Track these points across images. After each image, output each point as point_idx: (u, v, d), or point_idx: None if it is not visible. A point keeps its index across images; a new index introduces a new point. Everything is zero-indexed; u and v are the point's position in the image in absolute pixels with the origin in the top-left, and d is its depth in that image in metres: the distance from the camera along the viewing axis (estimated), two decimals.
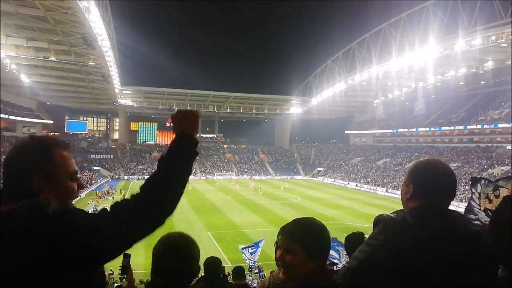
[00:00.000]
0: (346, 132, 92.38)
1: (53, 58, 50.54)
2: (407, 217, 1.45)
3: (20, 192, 1.15)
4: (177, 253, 1.77)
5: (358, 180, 64.61)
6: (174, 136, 1.43)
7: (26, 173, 1.19)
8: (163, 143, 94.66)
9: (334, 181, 69.90)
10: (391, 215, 1.52)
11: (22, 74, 54.68)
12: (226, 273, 9.27)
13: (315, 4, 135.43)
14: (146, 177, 1.31)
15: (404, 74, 62.42)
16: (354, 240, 3.28)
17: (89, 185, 51.55)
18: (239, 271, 5.06)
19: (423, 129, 71.03)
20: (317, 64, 78.24)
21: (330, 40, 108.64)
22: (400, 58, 52.90)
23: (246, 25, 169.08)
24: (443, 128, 66.90)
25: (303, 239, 1.45)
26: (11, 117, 58.16)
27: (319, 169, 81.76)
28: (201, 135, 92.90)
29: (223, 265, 4.18)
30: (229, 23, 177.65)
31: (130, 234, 1.22)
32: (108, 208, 1.22)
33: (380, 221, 1.48)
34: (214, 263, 3.90)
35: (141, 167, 73.73)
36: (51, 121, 75.05)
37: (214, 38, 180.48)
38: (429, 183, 1.49)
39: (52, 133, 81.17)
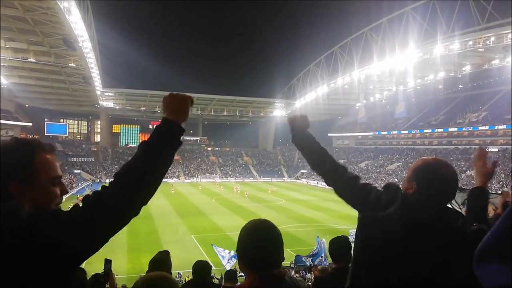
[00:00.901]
0: (329, 134, 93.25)
1: (32, 59, 49.40)
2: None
3: None
4: None
5: None
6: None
7: (5, 176, 1.16)
8: None
9: (317, 183, 70.30)
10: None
11: (0, 76, 53.24)
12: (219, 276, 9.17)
13: (298, 8, 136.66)
14: None
15: (385, 78, 63.53)
16: (338, 245, 3.30)
17: (70, 188, 50.50)
18: (231, 275, 5.06)
19: (404, 131, 72.32)
20: (300, 67, 79.05)
21: (313, 44, 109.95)
22: (381, 62, 53.83)
23: (230, 28, 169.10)
24: (424, 131, 68.23)
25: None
26: None
27: (302, 171, 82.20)
28: (185, 137, 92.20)
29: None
30: (213, 25, 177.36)
31: (105, 226, 1.21)
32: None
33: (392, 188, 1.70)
34: (202, 267, 3.88)
35: None
36: (30, 124, 73.15)
37: (197, 40, 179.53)
38: (434, 186, 1.56)
39: (31, 136, 79.21)
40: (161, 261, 3.34)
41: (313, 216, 35.26)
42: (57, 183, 1.28)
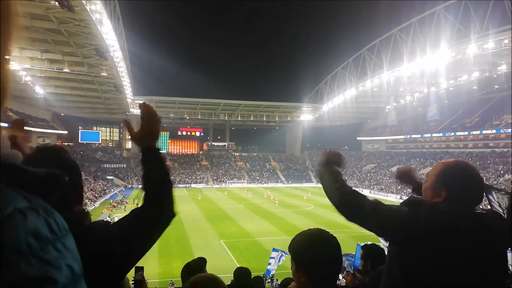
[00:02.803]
0: (358, 138, 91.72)
1: (66, 70, 51.54)
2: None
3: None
4: None
5: (371, 187, 63.91)
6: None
7: (77, 183, 1.27)
8: (175, 152, 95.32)
9: None
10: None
11: (37, 86, 55.83)
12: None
13: (325, 12, 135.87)
14: None
15: (416, 79, 61.93)
16: (372, 253, 3.19)
17: (103, 194, 52.03)
18: (258, 281, 5.01)
19: (437, 134, 70.14)
20: (327, 71, 78.37)
21: (340, 47, 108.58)
22: (411, 63, 52.53)
23: (257, 33, 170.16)
24: (457, 133, 65.94)
25: (292, 250, 1.44)
26: (26, 128, 59.00)
27: None
28: (213, 143, 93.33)
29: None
30: (240, 32, 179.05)
31: (145, 239, 1.29)
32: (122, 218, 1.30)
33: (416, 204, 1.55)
34: (243, 273, 3.90)
35: None
36: (66, 132, 76.22)
37: (224, 46, 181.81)
38: (465, 190, 1.48)
39: (66, 143, 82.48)
40: (196, 266, 3.36)
41: (343, 222, 34.44)
42: None
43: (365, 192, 61.65)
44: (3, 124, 0.79)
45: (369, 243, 3.64)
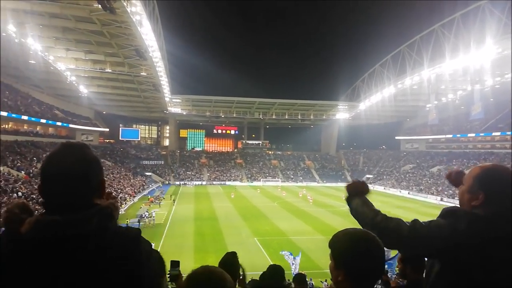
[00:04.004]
0: (396, 138, 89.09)
1: (108, 70, 53.69)
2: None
3: (79, 200, 1.17)
4: None
5: (410, 188, 61.95)
6: None
7: (99, 173, 1.26)
8: (211, 150, 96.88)
9: (384, 188, 67.63)
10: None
11: (81, 85, 58.53)
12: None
13: (362, 8, 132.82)
14: (195, 183, 1.42)
15: (458, 77, 59.29)
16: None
17: (142, 190, 53.74)
18: (301, 278, 5.00)
19: (482, 134, 66.85)
20: (365, 68, 76.79)
21: (378, 44, 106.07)
22: (454, 60, 50.35)
23: (293, 31, 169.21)
24: (504, 133, 62.46)
25: (332, 247, 1.43)
26: (71, 125, 62.24)
27: (368, 176, 79.41)
28: (247, 141, 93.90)
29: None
30: (275, 30, 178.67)
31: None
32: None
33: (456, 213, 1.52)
34: (276, 270, 3.94)
35: (190, 173, 75.76)
36: (107, 129, 79.42)
37: (260, 45, 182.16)
38: (503, 192, 1.45)
39: (107, 140, 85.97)
40: (228, 262, 3.40)
41: None
42: None
43: (404, 193, 59.95)
44: None
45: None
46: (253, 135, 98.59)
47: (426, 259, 1.79)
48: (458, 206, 1.61)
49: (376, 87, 69.85)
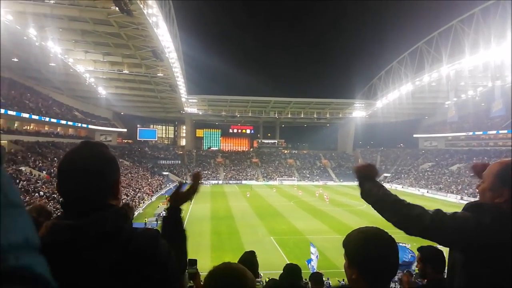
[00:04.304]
0: (414, 136, 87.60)
1: (126, 71, 54.50)
2: None
3: (94, 201, 1.16)
4: None
5: (429, 186, 60.88)
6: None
7: (112, 173, 1.23)
8: (227, 149, 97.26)
9: (402, 187, 66.65)
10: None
11: (100, 87, 59.59)
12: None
13: (379, 5, 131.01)
14: (211, 182, 1.45)
15: (478, 73, 57.89)
16: (431, 255, 3.06)
17: (159, 189, 54.36)
18: (317, 278, 4.97)
19: (503, 131, 65.13)
20: (381, 65, 75.72)
21: (395, 41, 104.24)
22: (474, 56, 49.21)
23: (307, 28, 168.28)
24: None
25: (345, 246, 1.42)
26: (90, 126, 63.46)
27: (385, 174, 78.38)
28: (263, 140, 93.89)
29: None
30: (290, 27, 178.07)
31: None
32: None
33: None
34: (293, 269, 3.93)
35: (206, 172, 76.23)
36: (125, 130, 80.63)
37: (275, 43, 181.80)
38: None
39: (126, 141, 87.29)
40: (248, 261, 3.42)
41: None
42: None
43: (422, 191, 58.92)
44: None
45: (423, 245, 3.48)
46: (269, 134, 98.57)
47: (446, 258, 1.75)
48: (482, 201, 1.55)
49: (393, 85, 68.86)
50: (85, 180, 1.16)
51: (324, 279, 17.25)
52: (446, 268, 1.77)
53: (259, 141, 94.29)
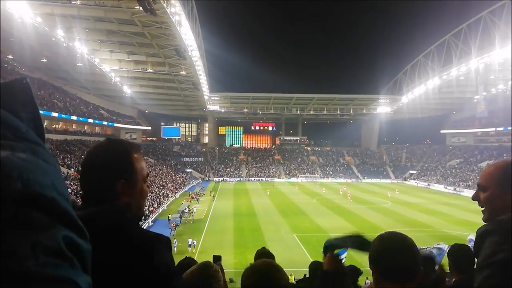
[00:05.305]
0: (441, 131, 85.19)
1: (150, 70, 55.41)
2: None
3: (102, 196, 1.15)
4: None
5: (456, 184, 59.18)
6: None
7: (112, 175, 1.19)
8: (249, 146, 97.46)
9: (428, 185, 65.08)
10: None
11: (125, 86, 60.83)
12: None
13: None
14: (234, 179, 1.38)
15: (509, 66, 55.66)
16: (460, 254, 2.96)
17: (183, 186, 55.11)
18: (354, 270, 4.93)
19: None
20: (407, 60, 73.94)
21: (421, 34, 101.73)
22: (504, 49, 47.30)
23: (331, 23, 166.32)
24: None
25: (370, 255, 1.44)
26: (116, 124, 64.92)
27: (411, 171, 76.74)
28: (285, 137, 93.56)
29: None
30: (313, 23, 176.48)
31: None
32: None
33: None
34: (318, 267, 3.94)
35: (228, 169, 76.74)
36: (150, 128, 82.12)
37: (298, 39, 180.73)
38: None
39: (150, 138, 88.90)
40: (266, 254, 3.45)
41: (424, 220, 32.62)
42: (147, 181, 1.34)
43: (450, 189, 57.27)
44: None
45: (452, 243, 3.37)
46: (291, 131, 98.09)
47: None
48: (491, 221, 1.28)
49: (420, 79, 67.17)
50: (93, 175, 1.17)
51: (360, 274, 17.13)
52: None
53: (281, 138, 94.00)
